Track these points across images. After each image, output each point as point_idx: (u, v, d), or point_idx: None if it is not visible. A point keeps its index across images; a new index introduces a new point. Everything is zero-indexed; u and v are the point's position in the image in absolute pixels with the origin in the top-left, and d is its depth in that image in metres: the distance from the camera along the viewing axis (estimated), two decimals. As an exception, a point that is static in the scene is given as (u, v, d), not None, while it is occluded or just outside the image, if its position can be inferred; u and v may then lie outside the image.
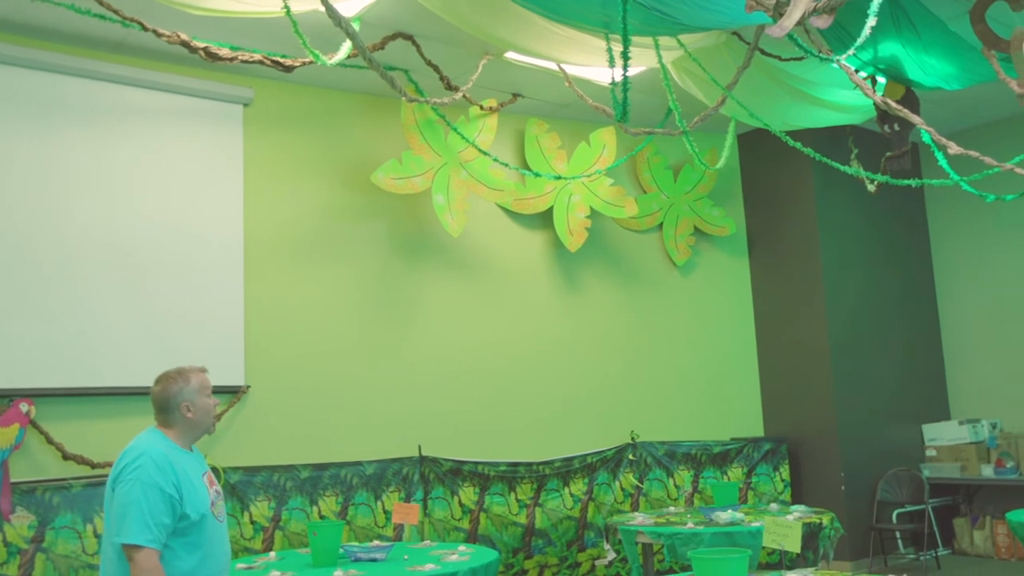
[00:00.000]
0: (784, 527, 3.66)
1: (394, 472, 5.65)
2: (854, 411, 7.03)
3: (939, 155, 5.24)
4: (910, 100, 4.97)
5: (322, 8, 3.32)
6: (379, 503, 5.55)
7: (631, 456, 6.52)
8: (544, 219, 6.64)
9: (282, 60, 4.98)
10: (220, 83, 5.50)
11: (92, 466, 4.79)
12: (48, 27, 4.86)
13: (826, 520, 4.95)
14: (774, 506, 5.76)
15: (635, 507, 6.42)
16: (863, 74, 4.93)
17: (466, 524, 5.82)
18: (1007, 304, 7.38)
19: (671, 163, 7.27)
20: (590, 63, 5.10)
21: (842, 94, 5.64)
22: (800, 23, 3.01)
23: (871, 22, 3.48)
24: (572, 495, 6.22)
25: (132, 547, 2.54)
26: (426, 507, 5.69)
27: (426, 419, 5.95)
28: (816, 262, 7.12)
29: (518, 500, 6.02)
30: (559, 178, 6.38)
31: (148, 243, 5.17)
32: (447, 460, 5.84)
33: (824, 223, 7.17)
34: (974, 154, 4.54)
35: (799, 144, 5.31)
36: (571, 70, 5.55)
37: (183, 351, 4.86)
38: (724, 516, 4.92)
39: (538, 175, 6.17)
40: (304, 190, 5.80)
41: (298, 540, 5.21)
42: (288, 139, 5.79)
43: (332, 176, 5.92)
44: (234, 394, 5.31)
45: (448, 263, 6.27)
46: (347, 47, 4.64)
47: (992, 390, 7.43)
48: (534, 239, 6.67)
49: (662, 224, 7.21)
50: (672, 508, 6.15)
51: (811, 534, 4.83)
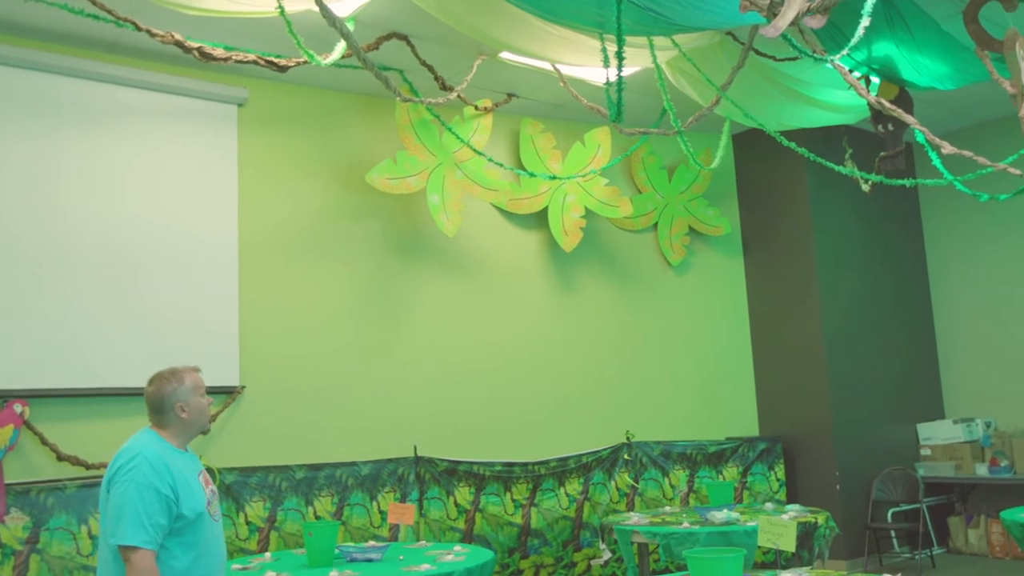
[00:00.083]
0: (779, 526, 3.66)
1: (389, 472, 5.65)
2: (849, 410, 7.04)
3: (933, 155, 5.26)
4: (904, 100, 4.98)
5: (316, 8, 3.32)
6: (374, 503, 5.55)
7: (626, 456, 6.53)
8: (539, 219, 6.64)
9: (276, 60, 4.98)
10: (214, 83, 5.49)
11: (87, 467, 4.78)
12: (41, 27, 4.84)
13: (821, 519, 4.96)
14: (769, 505, 5.77)
15: (631, 507, 6.42)
16: (857, 74, 4.94)
17: (462, 524, 5.82)
18: (1001, 303, 7.40)
19: (666, 163, 7.27)
20: (585, 63, 5.10)
21: (836, 94, 5.65)
22: (794, 23, 3.02)
23: (865, 22, 3.50)
24: (568, 495, 6.23)
25: (128, 548, 2.53)
26: (422, 507, 5.69)
27: (421, 419, 5.95)
28: (811, 262, 7.13)
29: (514, 500, 6.02)
30: (554, 178, 6.39)
31: (142, 243, 5.16)
32: (443, 460, 5.84)
33: (819, 223, 7.18)
34: (968, 154, 4.56)
35: (793, 144, 5.32)
36: (566, 70, 5.55)
37: (178, 351, 4.84)
38: (719, 516, 4.93)
39: (533, 175, 6.17)
40: (299, 190, 5.80)
41: (294, 541, 5.20)
42: (283, 139, 5.79)
43: (327, 176, 5.91)
44: (229, 394, 5.30)
45: (443, 263, 6.27)
46: (341, 47, 4.64)
47: (986, 389, 7.45)
48: (529, 239, 6.67)
49: (657, 224, 7.22)
50: (667, 508, 6.16)
51: (806, 533, 4.83)
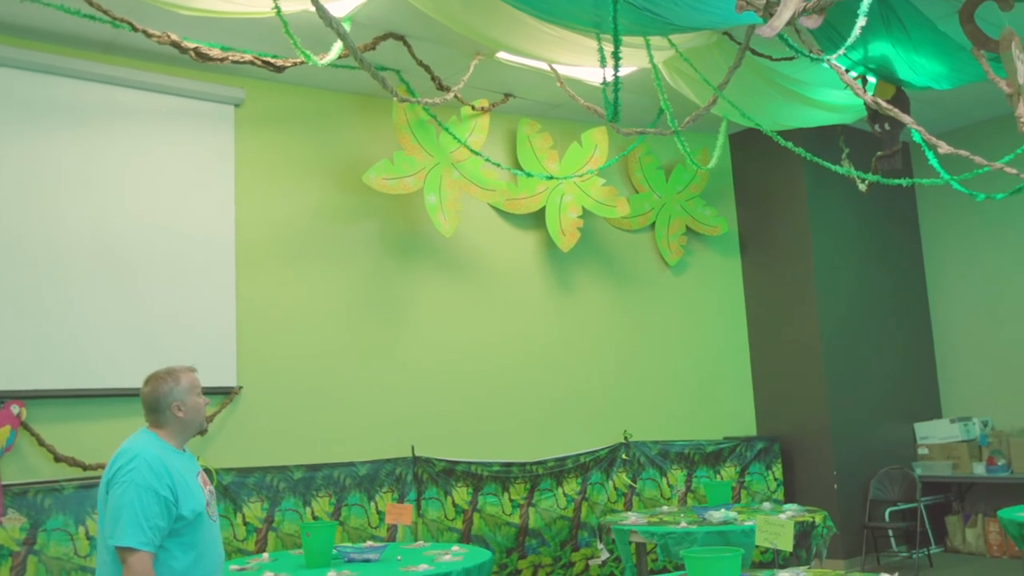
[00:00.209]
0: (776, 526, 3.66)
1: (387, 473, 5.65)
2: (846, 410, 7.05)
3: (930, 154, 5.27)
4: (900, 100, 4.99)
5: (313, 8, 3.32)
6: (372, 504, 5.55)
7: (624, 456, 6.53)
8: (536, 219, 6.64)
9: (273, 60, 4.97)
10: (211, 83, 5.49)
11: (84, 468, 4.77)
12: (37, 27, 4.84)
13: (819, 519, 4.96)
14: (767, 505, 5.77)
15: (628, 506, 6.42)
16: (853, 74, 4.95)
17: (459, 524, 5.82)
18: (998, 302, 7.41)
19: (663, 163, 7.27)
20: (581, 63, 5.10)
21: (833, 94, 5.66)
22: (790, 23, 3.02)
23: (861, 22, 3.50)
24: (565, 495, 6.23)
25: (125, 550, 2.53)
26: (419, 507, 5.69)
27: (419, 419, 5.94)
28: (808, 261, 7.14)
29: (511, 500, 6.02)
30: (551, 178, 6.39)
31: (139, 244, 5.15)
32: (440, 460, 5.84)
33: (816, 222, 7.19)
34: (964, 153, 4.56)
35: (790, 144, 5.33)
36: (562, 70, 5.56)
37: (175, 352, 4.82)
38: (717, 515, 4.93)
39: (530, 175, 6.17)
40: (296, 191, 5.79)
41: (291, 541, 5.20)
42: (279, 139, 5.79)
43: (324, 176, 5.91)
44: (226, 395, 5.30)
45: (440, 263, 6.27)
46: (338, 47, 4.64)
47: (983, 388, 7.46)
48: (526, 239, 6.67)
49: (654, 224, 7.22)
50: (665, 507, 6.16)
51: (804, 533, 4.83)
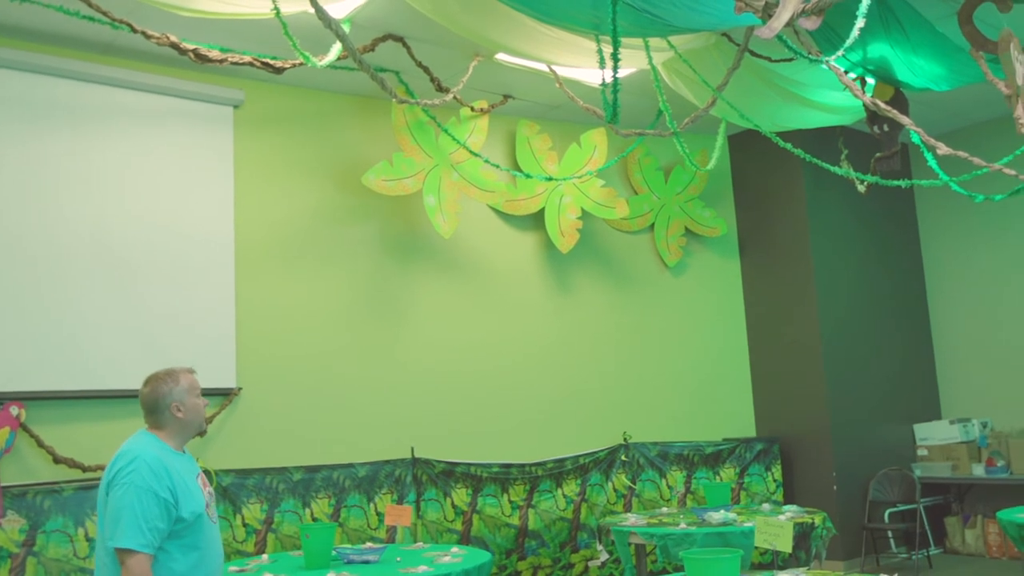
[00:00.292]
0: (775, 527, 3.66)
1: (387, 474, 5.65)
2: (846, 411, 7.05)
3: (928, 156, 5.26)
4: (899, 101, 4.99)
5: (312, 10, 3.32)
6: (372, 505, 5.54)
7: (623, 457, 6.53)
8: (535, 220, 6.64)
9: (272, 62, 4.97)
10: (210, 85, 5.49)
11: (83, 469, 4.77)
12: (36, 29, 4.84)
13: (818, 520, 4.96)
14: (766, 506, 5.77)
15: (628, 508, 6.42)
16: (852, 75, 4.95)
17: (459, 526, 5.81)
18: (997, 303, 7.41)
19: (662, 164, 7.28)
20: (580, 64, 5.10)
21: (832, 95, 5.66)
22: (789, 24, 3.02)
23: (860, 23, 3.50)
24: (565, 496, 6.23)
25: (125, 551, 2.52)
26: (419, 509, 5.69)
27: (419, 421, 5.94)
28: (807, 262, 7.14)
29: (511, 501, 6.02)
30: (550, 179, 6.39)
31: (139, 245, 5.15)
32: (440, 462, 5.84)
33: (815, 223, 7.19)
34: (963, 155, 4.56)
35: (789, 145, 5.33)
36: (561, 71, 5.56)
37: (174, 353, 4.84)
38: (716, 516, 4.93)
39: (529, 176, 6.17)
40: (295, 192, 5.80)
41: (290, 542, 5.20)
42: (279, 141, 5.79)
43: (323, 178, 5.91)
44: (226, 396, 5.30)
45: (440, 264, 6.27)
46: (337, 49, 4.64)
47: (982, 389, 7.46)
48: (525, 240, 6.67)
49: (653, 225, 7.23)
50: (665, 509, 6.15)
51: (803, 534, 4.83)
